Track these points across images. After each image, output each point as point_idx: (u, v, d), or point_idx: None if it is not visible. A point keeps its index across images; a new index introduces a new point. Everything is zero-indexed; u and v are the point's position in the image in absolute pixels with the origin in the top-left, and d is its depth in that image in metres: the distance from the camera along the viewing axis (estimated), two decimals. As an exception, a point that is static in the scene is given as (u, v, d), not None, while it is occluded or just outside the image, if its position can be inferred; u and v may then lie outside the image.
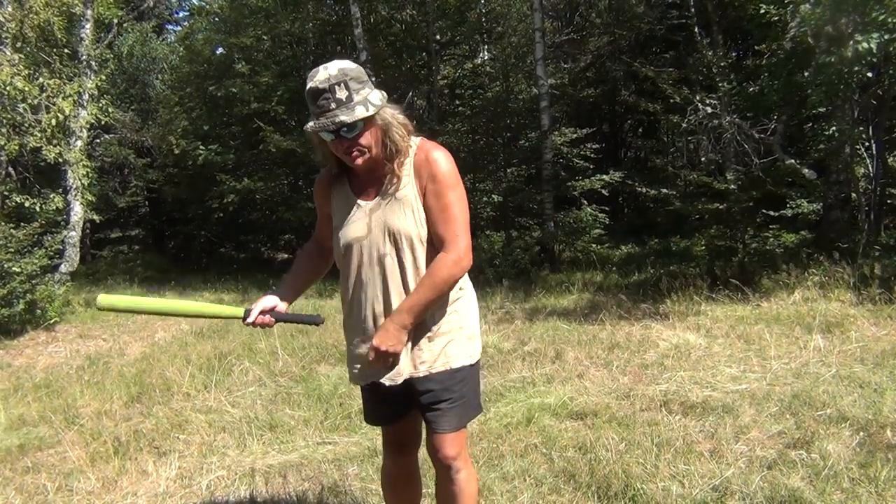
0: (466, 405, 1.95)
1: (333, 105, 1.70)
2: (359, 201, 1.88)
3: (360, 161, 1.79)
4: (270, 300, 1.98)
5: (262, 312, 1.96)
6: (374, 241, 1.85)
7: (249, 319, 1.95)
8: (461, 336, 1.93)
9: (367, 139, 1.76)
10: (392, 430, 2.09)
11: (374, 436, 3.35)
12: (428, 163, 1.81)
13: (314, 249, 2.10)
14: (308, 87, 1.72)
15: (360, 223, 1.86)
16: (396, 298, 1.85)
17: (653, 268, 8.66)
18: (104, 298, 1.96)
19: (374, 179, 1.86)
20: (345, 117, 1.69)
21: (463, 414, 1.95)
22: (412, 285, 1.83)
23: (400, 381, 1.87)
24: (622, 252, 11.19)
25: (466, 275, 1.95)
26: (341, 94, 1.70)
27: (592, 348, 5.03)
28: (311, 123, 1.74)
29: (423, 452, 2.10)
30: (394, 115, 1.81)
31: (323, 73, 1.72)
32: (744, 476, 2.77)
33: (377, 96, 1.77)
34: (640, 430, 3.33)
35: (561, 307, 6.92)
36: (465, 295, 1.96)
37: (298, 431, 3.70)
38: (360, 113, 1.70)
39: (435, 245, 1.82)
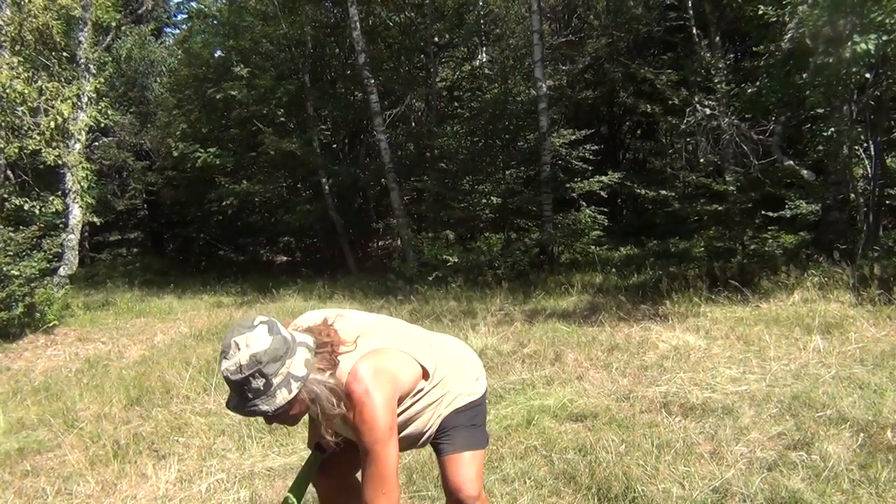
0: (476, 431, 1.94)
1: (251, 395, 1.54)
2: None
3: (292, 425, 1.74)
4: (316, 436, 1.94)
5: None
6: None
7: (328, 452, 1.95)
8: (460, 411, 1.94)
9: (296, 409, 1.62)
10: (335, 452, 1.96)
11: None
12: (354, 416, 1.64)
13: None
14: (221, 370, 1.55)
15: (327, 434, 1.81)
16: None
17: (652, 269, 8.66)
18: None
19: None
20: (266, 407, 1.55)
21: (469, 438, 1.91)
22: None
23: None
24: (621, 253, 11.19)
25: (439, 385, 1.87)
26: (257, 383, 1.53)
27: (592, 350, 5.03)
28: (232, 406, 1.59)
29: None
30: (322, 382, 1.61)
31: (233, 361, 1.53)
32: (744, 477, 2.78)
33: (300, 362, 1.59)
34: (640, 432, 3.33)
35: (560, 309, 6.92)
36: (447, 395, 1.91)
37: (298, 434, 3.69)
38: (282, 398, 1.55)
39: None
